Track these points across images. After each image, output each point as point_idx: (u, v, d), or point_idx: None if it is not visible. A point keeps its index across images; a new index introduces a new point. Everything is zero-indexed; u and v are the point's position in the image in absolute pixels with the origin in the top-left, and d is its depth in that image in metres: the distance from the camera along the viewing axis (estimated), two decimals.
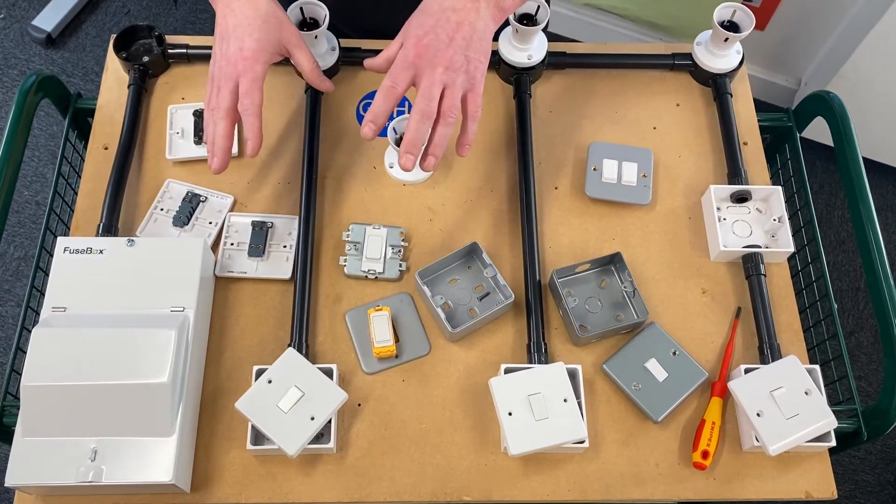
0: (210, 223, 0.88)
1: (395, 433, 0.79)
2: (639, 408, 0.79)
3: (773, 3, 1.73)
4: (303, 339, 0.81)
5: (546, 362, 0.80)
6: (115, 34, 0.96)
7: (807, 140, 1.26)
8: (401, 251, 0.87)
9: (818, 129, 1.01)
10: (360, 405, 0.80)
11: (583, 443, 0.75)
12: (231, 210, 0.89)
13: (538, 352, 0.80)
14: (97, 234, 0.84)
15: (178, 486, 0.72)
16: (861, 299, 1.78)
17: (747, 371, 0.78)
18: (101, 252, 0.79)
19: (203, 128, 0.91)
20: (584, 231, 0.90)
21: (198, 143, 0.92)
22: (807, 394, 0.75)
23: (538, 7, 0.92)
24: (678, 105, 0.99)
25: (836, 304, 0.89)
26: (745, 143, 0.96)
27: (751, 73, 1.81)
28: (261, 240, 0.86)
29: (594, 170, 0.91)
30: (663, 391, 0.79)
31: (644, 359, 0.81)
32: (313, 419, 0.73)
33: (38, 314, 0.81)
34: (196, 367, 0.78)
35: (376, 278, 0.85)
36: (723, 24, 0.94)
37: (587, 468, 0.78)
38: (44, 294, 0.78)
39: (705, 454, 0.77)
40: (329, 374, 0.77)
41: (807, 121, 1.00)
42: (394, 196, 0.91)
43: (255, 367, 0.78)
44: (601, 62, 1.01)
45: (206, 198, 0.89)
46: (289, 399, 0.74)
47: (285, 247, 0.87)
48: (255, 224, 0.87)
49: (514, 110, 0.96)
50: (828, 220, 1.88)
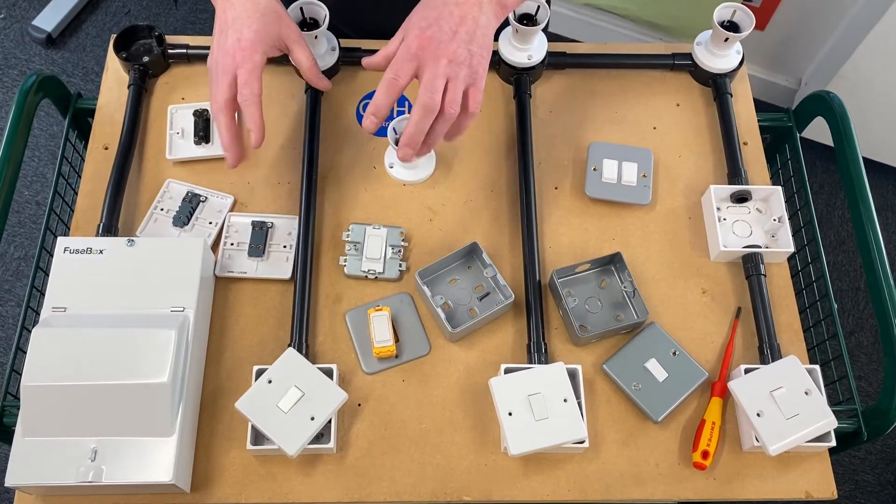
0: (210, 223, 0.88)
1: (395, 433, 0.79)
2: (639, 408, 0.79)
3: (773, 3, 1.73)
4: (303, 339, 0.81)
5: (546, 362, 0.80)
6: (115, 34, 0.96)
7: (807, 140, 1.26)
8: (401, 251, 0.87)
9: (818, 129, 1.01)
10: (360, 405, 0.80)
11: (583, 443, 0.75)
12: (231, 210, 0.89)
13: (538, 352, 0.80)
14: (97, 234, 0.84)
15: (178, 486, 0.72)
16: (861, 299, 1.78)
17: (747, 371, 0.78)
18: (101, 252, 0.79)
19: (204, 128, 0.91)
20: (584, 231, 0.90)
21: (198, 143, 0.91)
22: (807, 394, 0.75)
23: (538, 7, 0.92)
24: (678, 105, 0.99)
25: (836, 304, 0.89)
26: (745, 143, 0.96)
27: (751, 73, 1.81)
28: (261, 240, 0.86)
29: (594, 170, 0.91)
30: (663, 391, 0.79)
31: (644, 359, 0.81)
32: (313, 419, 0.73)
33: (38, 314, 0.81)
34: (196, 367, 0.78)
35: (376, 278, 0.86)
36: (723, 24, 0.94)
37: (587, 468, 0.78)
38: (44, 294, 0.78)
39: (705, 454, 0.77)
40: (329, 374, 0.77)
41: (807, 121, 1.00)
42: (394, 196, 0.91)
43: (255, 367, 0.78)
44: (601, 62, 1.01)
45: (206, 198, 0.89)
46: (289, 399, 0.74)
47: (285, 247, 0.87)
48: (255, 224, 0.87)
49: (514, 110, 0.96)
50: (828, 220, 1.88)
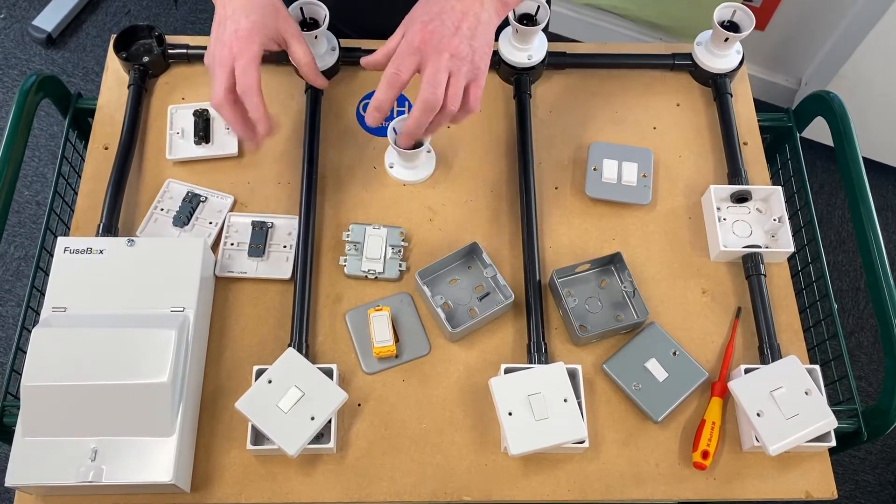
0: (210, 223, 0.88)
1: (395, 433, 0.79)
2: (639, 408, 0.79)
3: (774, 3, 1.73)
4: (303, 339, 0.81)
5: (546, 362, 0.80)
6: (115, 34, 0.96)
7: (807, 140, 1.26)
8: (401, 251, 0.87)
9: (818, 129, 1.01)
10: (360, 405, 0.80)
11: (583, 443, 0.75)
12: (231, 210, 0.89)
13: (538, 352, 0.80)
14: (97, 234, 0.84)
15: (179, 486, 0.72)
16: (861, 299, 1.78)
17: (747, 371, 0.78)
18: (102, 252, 0.79)
19: (204, 128, 0.91)
20: (584, 231, 0.90)
21: (198, 143, 0.91)
22: (807, 394, 0.75)
23: (538, 7, 0.92)
24: (678, 105, 0.99)
25: (836, 304, 0.89)
26: (745, 143, 0.96)
27: (751, 73, 1.81)
28: (261, 240, 0.86)
29: (594, 170, 0.91)
30: (663, 391, 0.79)
31: (644, 359, 0.81)
32: (313, 419, 0.73)
33: (38, 314, 0.81)
34: (196, 367, 0.78)
35: (376, 278, 0.85)
36: (723, 24, 0.94)
37: (587, 468, 0.78)
38: (44, 294, 0.78)
39: (705, 454, 0.77)
40: (329, 374, 0.77)
41: (807, 121, 1.00)
42: (394, 196, 0.91)
43: (255, 367, 0.78)
44: (601, 62, 1.01)
45: (207, 198, 0.89)
46: (289, 399, 0.74)
47: (285, 247, 0.87)
48: (255, 224, 0.87)
49: (514, 110, 0.96)
50: (828, 220, 1.88)
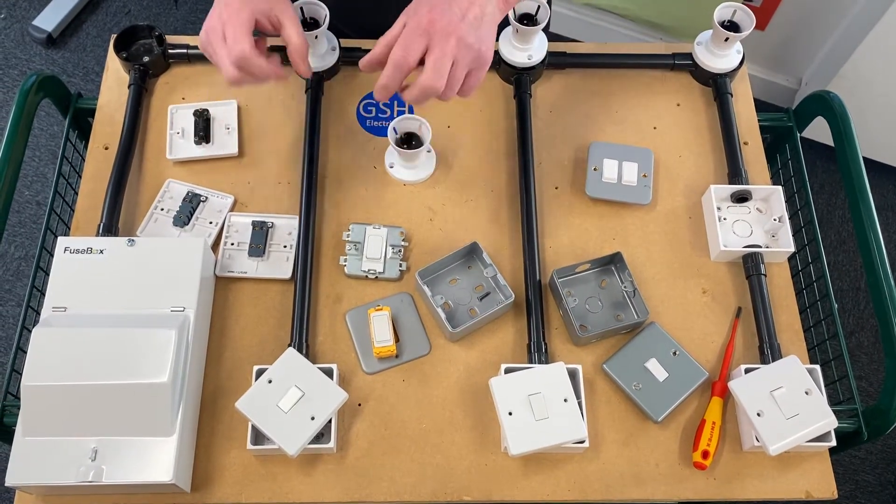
0: (210, 223, 0.88)
1: (395, 433, 0.79)
2: (639, 408, 0.79)
3: (774, 3, 1.73)
4: (303, 339, 0.81)
5: (546, 362, 0.80)
6: (115, 34, 0.96)
7: (807, 140, 1.26)
8: (401, 251, 0.87)
9: (818, 129, 1.01)
10: (360, 405, 0.80)
11: (583, 443, 0.75)
12: (231, 210, 0.89)
13: (538, 352, 0.80)
14: (97, 234, 0.84)
15: (179, 485, 0.72)
16: (861, 299, 1.78)
17: (747, 371, 0.78)
18: (102, 252, 0.79)
19: (204, 128, 0.91)
20: (585, 231, 0.90)
21: (198, 142, 0.91)
22: (807, 394, 0.75)
23: (538, 7, 0.92)
24: (678, 105, 0.99)
25: (836, 304, 0.89)
26: (745, 143, 0.96)
27: (751, 73, 1.81)
28: (261, 240, 0.86)
29: (594, 170, 0.91)
30: (663, 391, 0.79)
31: (644, 359, 0.81)
32: (313, 419, 0.73)
33: (38, 314, 0.81)
34: (196, 367, 0.78)
35: (376, 278, 0.85)
36: (723, 24, 0.94)
37: (587, 468, 0.78)
38: (44, 294, 0.78)
39: (705, 454, 0.77)
40: (329, 374, 0.77)
41: (807, 121, 1.00)
42: (394, 196, 0.91)
43: (256, 367, 0.78)
44: (601, 62, 1.01)
45: (207, 198, 0.89)
46: (289, 399, 0.74)
47: (285, 247, 0.87)
48: (255, 224, 0.87)
49: (514, 110, 0.96)
50: (828, 220, 1.88)
